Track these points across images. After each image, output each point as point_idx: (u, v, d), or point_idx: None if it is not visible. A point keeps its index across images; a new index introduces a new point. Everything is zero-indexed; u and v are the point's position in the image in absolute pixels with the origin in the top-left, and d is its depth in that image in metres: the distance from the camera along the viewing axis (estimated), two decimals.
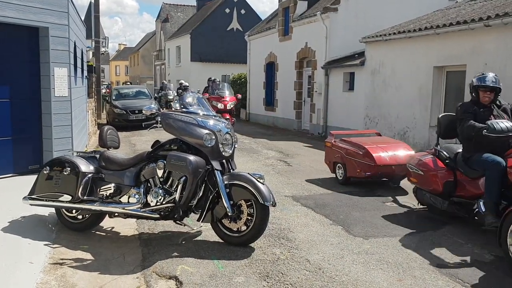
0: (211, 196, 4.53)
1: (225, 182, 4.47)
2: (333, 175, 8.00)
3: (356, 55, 14.09)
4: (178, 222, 4.71)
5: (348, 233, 5.07)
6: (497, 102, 5.13)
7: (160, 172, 4.54)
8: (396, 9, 14.37)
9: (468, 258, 4.38)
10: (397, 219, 5.64)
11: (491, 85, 4.99)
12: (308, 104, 16.60)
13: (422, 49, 10.76)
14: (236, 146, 4.80)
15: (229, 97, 14.68)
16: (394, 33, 11.53)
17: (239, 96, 15.68)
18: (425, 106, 10.74)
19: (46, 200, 4.89)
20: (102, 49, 19.98)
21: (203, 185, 4.57)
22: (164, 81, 23.18)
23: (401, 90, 11.55)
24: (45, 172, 4.93)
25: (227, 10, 34.01)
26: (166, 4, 42.56)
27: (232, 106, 14.63)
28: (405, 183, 6.93)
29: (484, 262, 4.28)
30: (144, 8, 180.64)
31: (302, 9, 16.98)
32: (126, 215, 4.77)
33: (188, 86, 19.24)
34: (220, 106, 14.13)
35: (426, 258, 4.35)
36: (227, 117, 13.37)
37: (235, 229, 4.56)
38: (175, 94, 19.21)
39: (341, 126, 14.38)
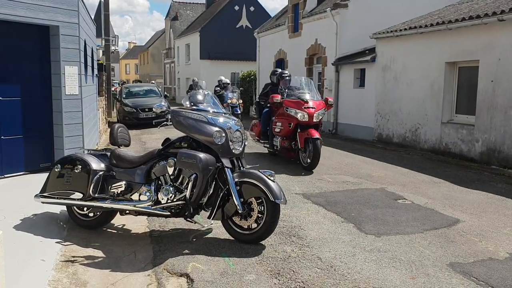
0: (221, 194, 4.52)
1: (235, 180, 4.45)
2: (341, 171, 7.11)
3: (367, 51, 13.99)
4: (188, 219, 4.71)
5: (359, 231, 5.02)
6: None
7: (170, 170, 4.54)
8: (407, 4, 14.22)
9: (482, 256, 4.31)
10: (409, 216, 5.58)
11: None
12: None
13: (434, 44, 10.64)
14: (246, 143, 4.78)
15: (313, 102, 8.64)
16: (405, 29, 11.41)
17: (330, 99, 9.26)
18: (436, 103, 10.62)
19: (57, 198, 4.91)
20: (112, 48, 20.03)
21: (213, 182, 4.56)
22: (195, 79, 20.15)
23: (413, 86, 11.44)
24: (56, 170, 4.94)
25: (236, 8, 33.96)
26: (176, 2, 42.61)
27: (321, 117, 8.72)
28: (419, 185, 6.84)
29: (498, 260, 4.21)
30: (155, 7, 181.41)
31: (312, 5, 16.89)
32: (137, 213, 4.78)
33: (229, 83, 17.29)
34: (301, 116, 8.37)
35: (439, 256, 4.29)
36: (316, 136, 8.16)
37: (245, 226, 4.54)
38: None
39: (351, 123, 14.31)
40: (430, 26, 10.44)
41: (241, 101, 16.86)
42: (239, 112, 15.86)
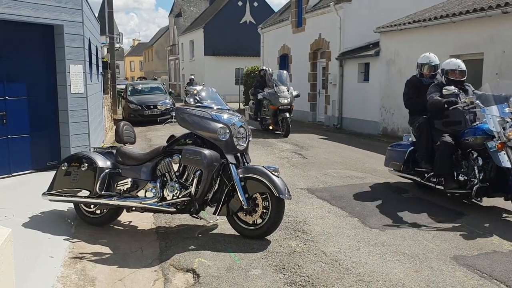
0: (226, 190, 4.56)
1: (240, 176, 4.49)
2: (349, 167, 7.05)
3: (371, 46, 13.95)
4: (194, 215, 4.76)
5: (364, 225, 5.05)
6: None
7: (175, 166, 4.58)
8: None
9: (486, 249, 4.33)
10: (413, 210, 5.59)
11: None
12: (323, 96, 16.51)
13: (438, 38, 10.60)
14: (250, 139, 4.82)
15: None
16: (409, 22, 11.38)
17: None
18: None
19: (64, 196, 4.97)
20: (117, 45, 20.08)
21: (218, 178, 4.60)
22: (267, 68, 13.96)
23: None
24: (63, 168, 5.00)
25: (240, 3, 33.93)
26: None
27: None
28: None
29: (502, 253, 4.23)
30: (160, 3, 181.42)
31: (315, 0, 16.84)
32: (143, 209, 4.83)
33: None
34: None
35: (443, 249, 4.31)
36: None
37: (250, 222, 4.58)
38: (294, 92, 12.59)
39: (356, 117, 14.29)
40: (434, 19, 10.41)
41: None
42: None
